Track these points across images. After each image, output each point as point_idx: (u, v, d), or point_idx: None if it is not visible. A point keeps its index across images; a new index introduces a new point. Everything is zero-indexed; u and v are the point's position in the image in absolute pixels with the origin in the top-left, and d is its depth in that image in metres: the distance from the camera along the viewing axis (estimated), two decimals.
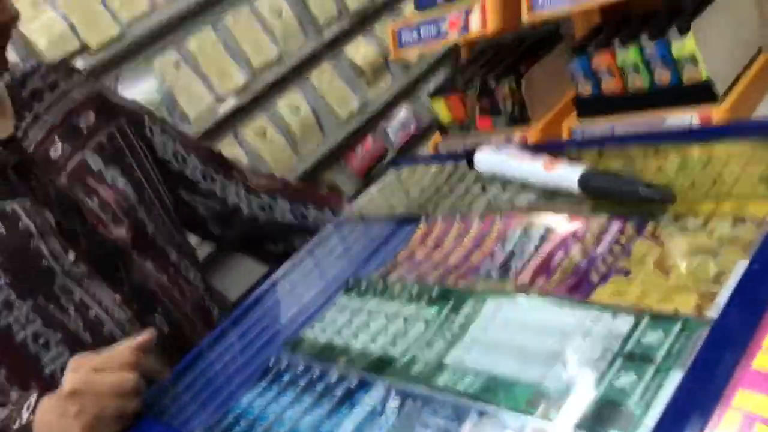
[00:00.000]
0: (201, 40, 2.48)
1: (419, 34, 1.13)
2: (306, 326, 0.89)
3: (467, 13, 1.02)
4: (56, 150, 1.04)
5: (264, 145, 2.66)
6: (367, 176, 3.07)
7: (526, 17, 0.93)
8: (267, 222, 1.19)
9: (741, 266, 0.60)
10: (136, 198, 1.09)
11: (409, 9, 3.14)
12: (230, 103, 2.50)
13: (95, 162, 1.07)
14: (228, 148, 2.57)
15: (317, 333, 0.85)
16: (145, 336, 0.87)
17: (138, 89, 2.27)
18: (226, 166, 1.20)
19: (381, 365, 0.72)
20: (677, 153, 0.81)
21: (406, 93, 3.30)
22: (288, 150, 2.74)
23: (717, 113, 0.83)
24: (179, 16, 2.44)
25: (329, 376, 0.75)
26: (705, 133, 0.78)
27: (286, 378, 0.79)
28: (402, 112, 3.29)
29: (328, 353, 0.79)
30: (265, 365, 0.84)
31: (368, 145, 3.13)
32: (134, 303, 1.04)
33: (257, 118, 2.67)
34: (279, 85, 2.74)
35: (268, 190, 1.20)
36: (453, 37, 1.07)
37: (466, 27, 1.03)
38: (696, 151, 0.79)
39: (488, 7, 0.99)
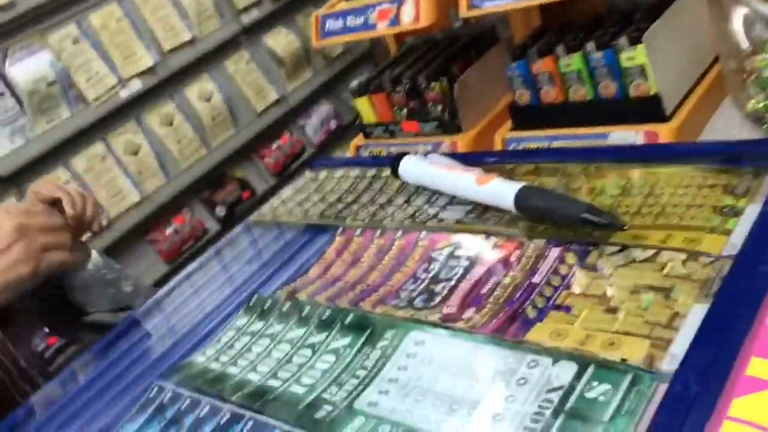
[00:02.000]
0: (105, 16, 2.27)
1: (344, 23, 1.03)
2: (197, 350, 0.77)
3: (399, 5, 0.93)
4: None
5: (170, 135, 2.48)
6: (282, 174, 2.93)
7: (464, 12, 0.84)
8: None
9: (697, 311, 0.53)
10: None
11: None
12: (135, 87, 2.30)
13: None
14: (130, 135, 2.38)
15: (209, 359, 0.74)
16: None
17: (29, 63, 2.05)
18: None
19: (281, 406, 0.62)
20: (621, 173, 0.74)
21: (327, 88, 3.17)
22: (196, 141, 2.56)
23: (665, 132, 0.76)
24: None
25: (220, 414, 0.64)
26: (653, 153, 0.71)
27: (169, 414, 0.67)
28: (322, 108, 3.16)
29: (221, 385, 0.68)
30: (146, 395, 0.72)
31: (284, 140, 2.99)
32: None
33: (164, 105, 2.48)
34: (190, 71, 2.56)
35: None
36: (381, 29, 0.97)
37: (396, 19, 0.93)
38: (642, 173, 0.72)
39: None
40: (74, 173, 2.22)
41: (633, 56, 0.75)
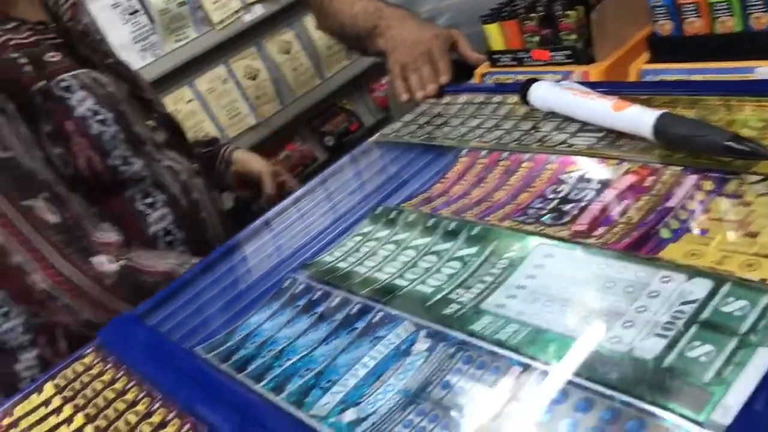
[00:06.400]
0: None
1: None
2: (324, 251, 0.81)
3: None
4: (88, 28, 1.06)
5: (287, 63, 2.54)
6: (389, 109, 2.95)
7: None
8: None
9: None
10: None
11: None
12: (257, 12, 2.37)
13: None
14: (249, 60, 2.46)
15: (337, 259, 0.78)
16: None
17: None
18: None
19: (409, 302, 0.65)
20: (765, 107, 0.71)
21: None
22: (311, 70, 2.62)
23: None
24: None
25: (350, 305, 0.68)
26: None
27: (302, 302, 0.73)
28: None
29: (349, 281, 0.72)
30: (279, 285, 0.77)
31: None
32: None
33: (284, 33, 2.54)
34: None
35: None
36: None
37: None
38: None
39: None
40: (197, 93, 2.33)
41: None
